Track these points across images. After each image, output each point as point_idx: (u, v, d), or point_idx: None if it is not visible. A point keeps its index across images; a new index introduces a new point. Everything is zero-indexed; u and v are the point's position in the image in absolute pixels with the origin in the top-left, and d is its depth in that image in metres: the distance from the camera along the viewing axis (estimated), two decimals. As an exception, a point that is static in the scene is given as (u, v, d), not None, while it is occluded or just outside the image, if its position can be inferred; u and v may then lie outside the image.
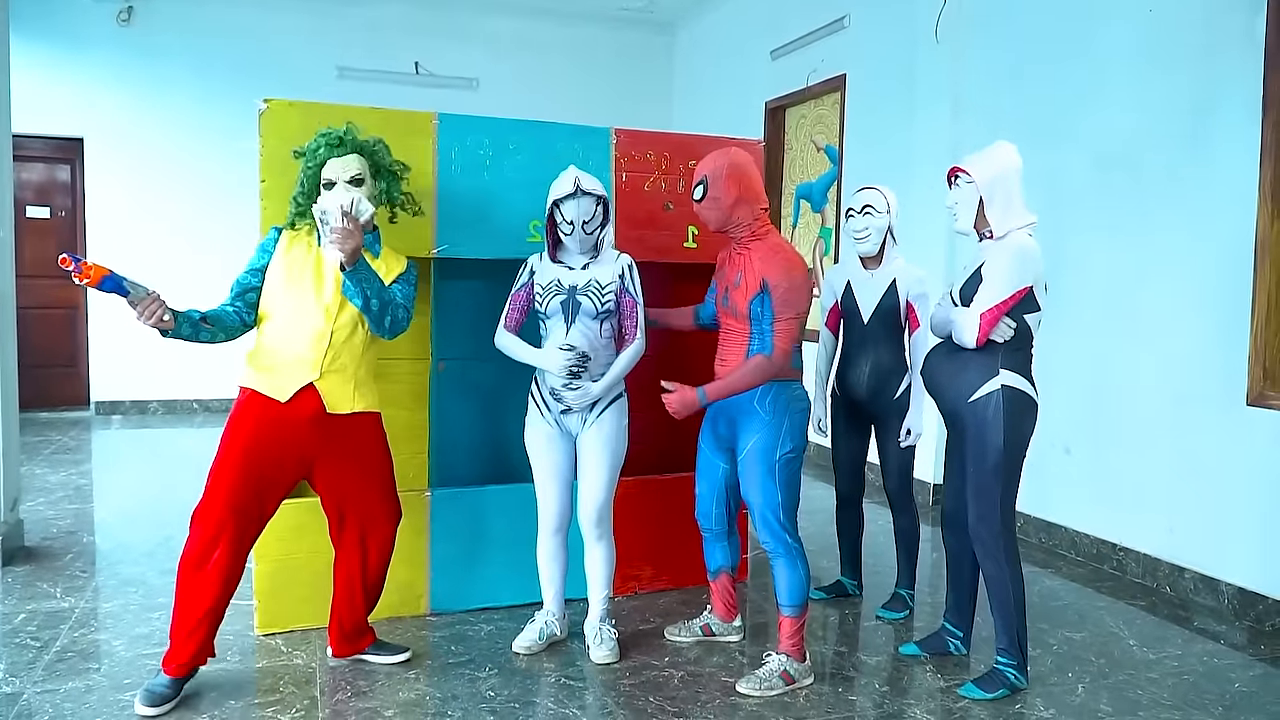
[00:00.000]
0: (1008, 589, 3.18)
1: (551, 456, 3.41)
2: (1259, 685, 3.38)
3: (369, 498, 3.22)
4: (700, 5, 9.20)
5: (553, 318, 3.33)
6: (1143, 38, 4.49)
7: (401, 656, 3.37)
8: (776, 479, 3.21)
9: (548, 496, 3.44)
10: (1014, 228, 3.14)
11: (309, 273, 3.08)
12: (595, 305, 3.32)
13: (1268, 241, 3.88)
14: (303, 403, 3.03)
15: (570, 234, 3.30)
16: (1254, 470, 3.96)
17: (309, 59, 8.76)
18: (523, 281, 3.42)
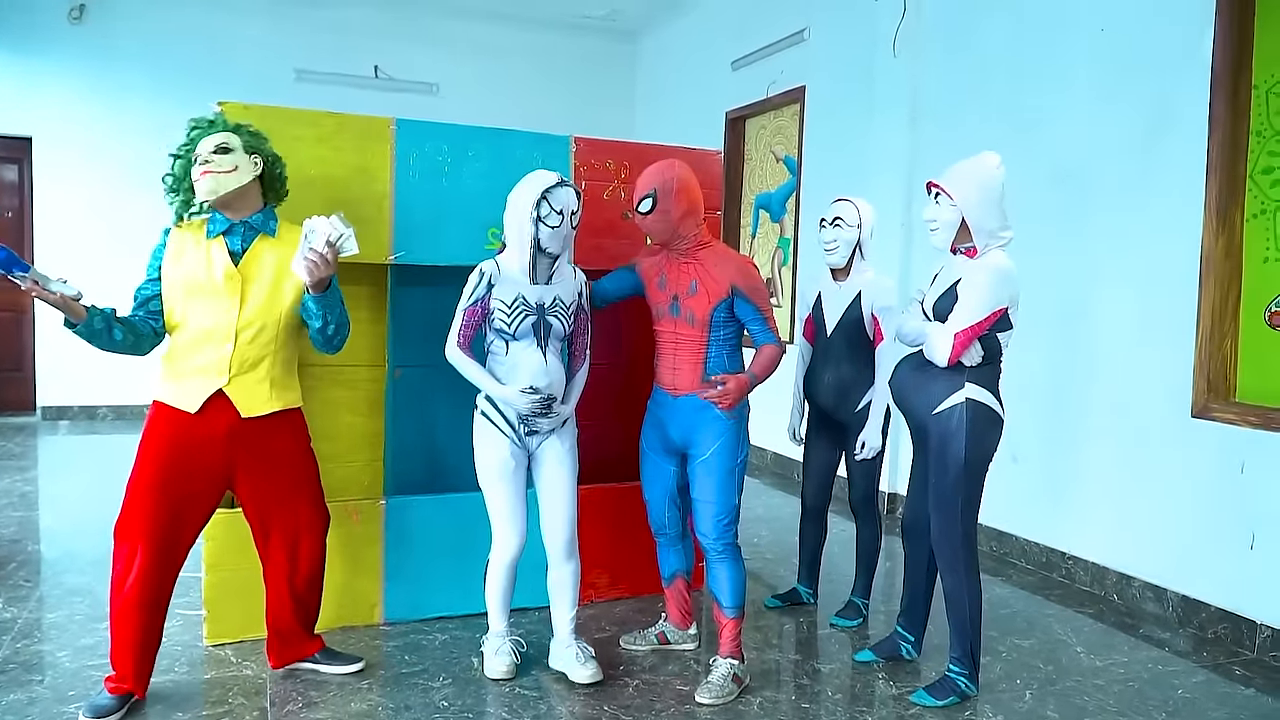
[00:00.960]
0: (965, 601, 3.21)
1: (516, 483, 3.24)
2: (1201, 691, 3.44)
3: (295, 503, 3.12)
4: (662, 15, 9.24)
5: (522, 339, 3.16)
6: (1096, 57, 4.57)
7: (354, 666, 3.33)
8: (735, 483, 3.26)
9: (512, 526, 3.24)
10: (993, 245, 3.15)
11: (202, 271, 2.93)
12: (564, 326, 3.23)
13: (1212, 257, 3.96)
14: (214, 411, 2.92)
15: (558, 226, 3.11)
16: (1198, 481, 4.04)
17: (266, 61, 8.67)
18: (478, 295, 3.17)
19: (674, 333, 3.28)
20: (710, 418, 3.24)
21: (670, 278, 3.28)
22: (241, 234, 2.98)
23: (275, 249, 3.02)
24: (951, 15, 5.52)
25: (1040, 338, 4.83)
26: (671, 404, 3.31)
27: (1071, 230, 4.68)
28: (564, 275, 3.28)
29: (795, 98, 7.11)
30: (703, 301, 3.20)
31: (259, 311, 2.96)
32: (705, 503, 3.26)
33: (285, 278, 3.00)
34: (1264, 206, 3.88)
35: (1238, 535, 3.88)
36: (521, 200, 3.13)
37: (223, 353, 2.92)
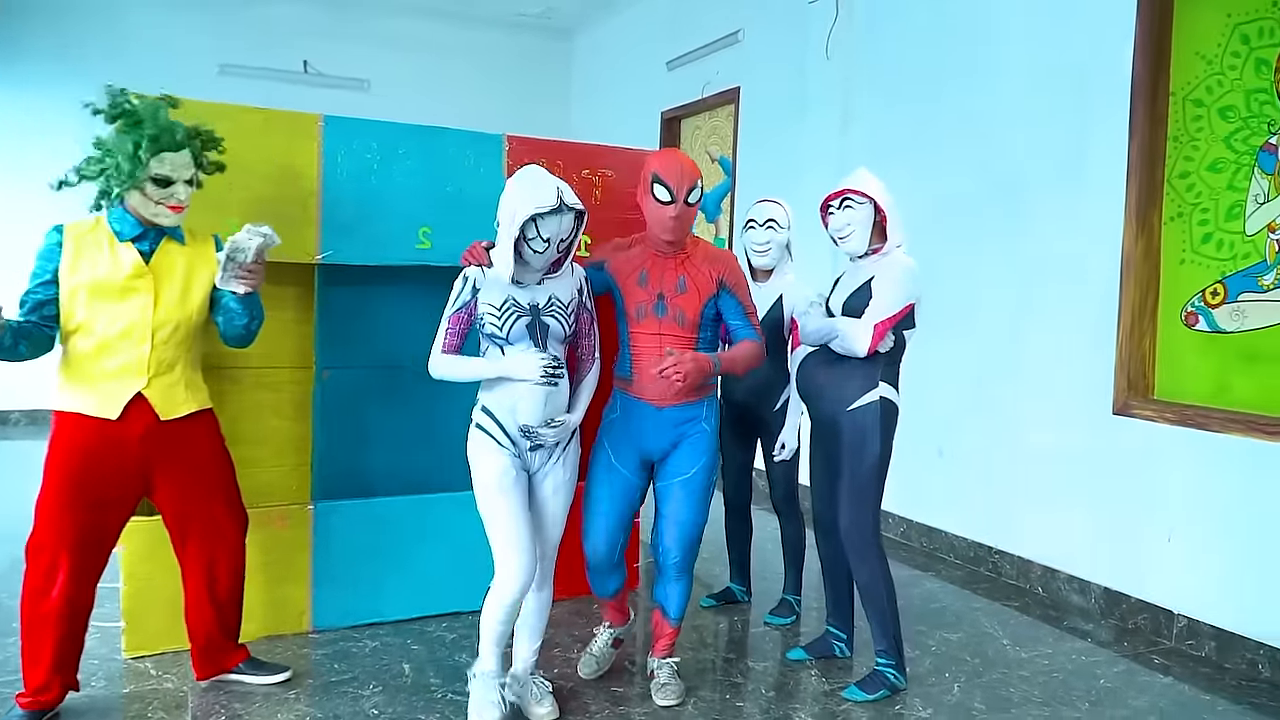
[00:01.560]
0: (882, 591, 3.28)
1: (519, 497, 2.88)
2: (1123, 681, 3.53)
3: (213, 507, 3.05)
4: (598, 13, 9.21)
5: (517, 344, 2.85)
6: (1022, 63, 4.66)
7: (280, 676, 3.26)
8: (710, 500, 3.17)
9: (518, 552, 2.83)
10: (895, 245, 3.28)
11: (112, 273, 2.82)
12: (563, 327, 2.91)
13: (1132, 258, 4.06)
14: (134, 415, 2.85)
15: (541, 252, 2.81)
16: (1119, 476, 4.14)
17: (188, 55, 8.42)
18: (463, 301, 2.88)
19: (658, 335, 3.02)
20: (696, 432, 3.07)
21: (653, 274, 3.03)
22: (151, 236, 2.91)
23: (181, 249, 2.96)
24: (882, 19, 5.58)
25: (967, 336, 4.91)
26: (655, 416, 3.05)
27: (999, 232, 4.76)
28: (562, 274, 2.96)
29: (730, 98, 7.14)
30: (693, 299, 3.01)
31: (172, 311, 2.90)
32: (679, 523, 3.08)
33: (195, 276, 2.95)
34: (1180, 210, 3.99)
35: (1156, 529, 3.98)
36: (512, 209, 2.77)
37: (140, 354, 2.84)
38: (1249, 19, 3.73)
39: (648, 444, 3.09)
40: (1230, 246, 3.81)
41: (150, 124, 2.79)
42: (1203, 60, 3.90)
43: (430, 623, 3.82)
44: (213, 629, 3.14)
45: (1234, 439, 3.69)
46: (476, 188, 3.89)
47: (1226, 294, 3.83)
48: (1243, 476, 3.67)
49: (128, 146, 2.77)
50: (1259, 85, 3.70)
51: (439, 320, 2.97)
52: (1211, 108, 3.87)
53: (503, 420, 2.89)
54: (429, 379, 4.21)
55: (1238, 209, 3.78)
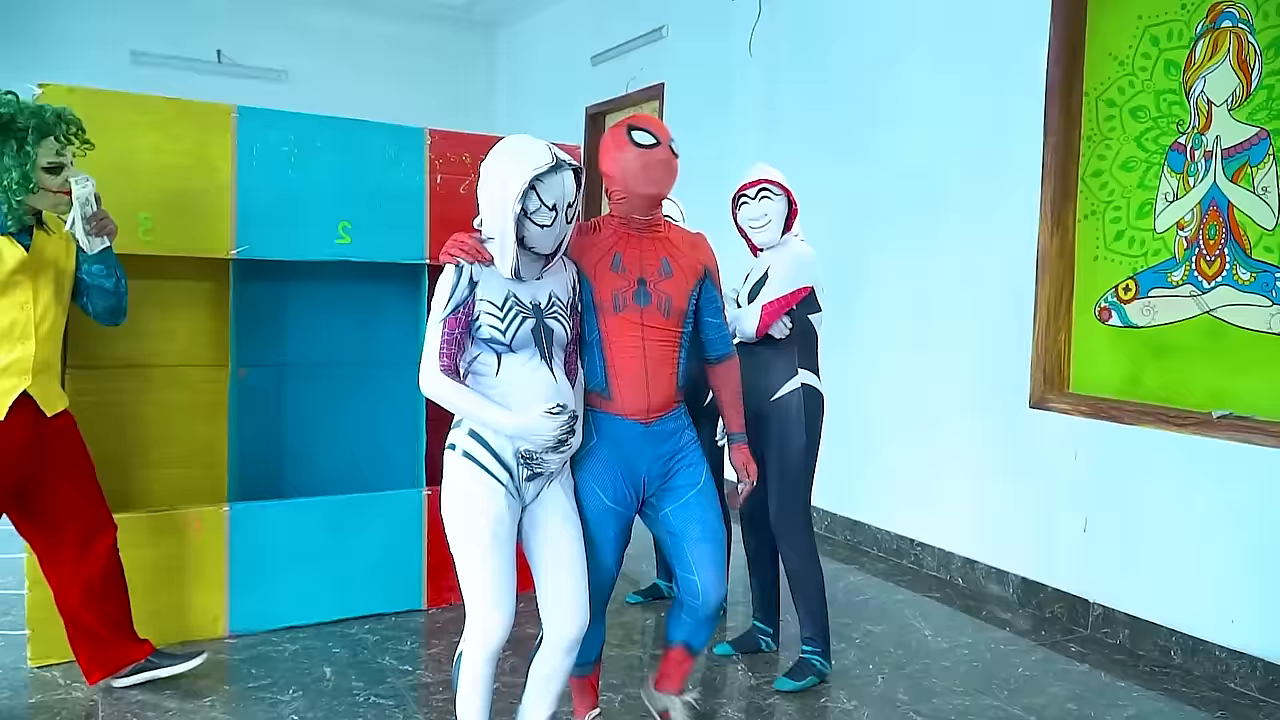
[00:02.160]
0: (811, 578, 3.33)
1: (509, 548, 2.36)
2: (1040, 669, 3.60)
3: (86, 502, 2.99)
4: (522, 8, 9.13)
5: (521, 351, 2.33)
6: (940, 62, 4.72)
7: (195, 661, 3.17)
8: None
9: (499, 605, 2.32)
10: (793, 235, 3.39)
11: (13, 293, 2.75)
12: (565, 331, 2.42)
13: (1047, 255, 4.15)
14: (20, 414, 2.78)
15: (550, 224, 2.31)
16: (1036, 468, 4.23)
17: (99, 43, 8.17)
18: (460, 298, 2.31)
19: (640, 328, 2.48)
20: (689, 440, 2.61)
21: (630, 256, 2.50)
22: (26, 229, 2.83)
23: (48, 241, 2.87)
24: (803, 18, 5.62)
25: (889, 333, 4.97)
26: (645, 434, 2.51)
27: (919, 229, 4.83)
28: (557, 266, 2.47)
29: (654, 94, 7.13)
30: (681, 284, 2.52)
31: (49, 306, 2.84)
32: (709, 543, 2.56)
33: (65, 268, 2.90)
34: (1094, 208, 4.09)
35: (1072, 519, 4.08)
36: (502, 183, 2.29)
37: (25, 352, 2.78)
38: (1158, 21, 3.83)
39: (641, 468, 2.53)
40: (1141, 243, 3.91)
41: (22, 116, 2.69)
42: (1115, 61, 4.00)
43: (352, 625, 3.75)
44: (100, 622, 3.04)
45: (1145, 430, 3.79)
46: (397, 181, 3.83)
47: (1138, 290, 3.93)
48: (1154, 467, 3.77)
49: (10, 146, 2.68)
50: (1168, 86, 3.81)
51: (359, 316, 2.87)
52: (1123, 108, 3.97)
53: (497, 446, 2.34)
54: (349, 376, 4.14)
55: (1148, 207, 3.88)
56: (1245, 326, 3.57)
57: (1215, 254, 3.66)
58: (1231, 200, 3.60)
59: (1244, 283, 3.57)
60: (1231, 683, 3.48)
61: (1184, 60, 3.75)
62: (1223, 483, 3.55)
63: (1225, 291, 3.63)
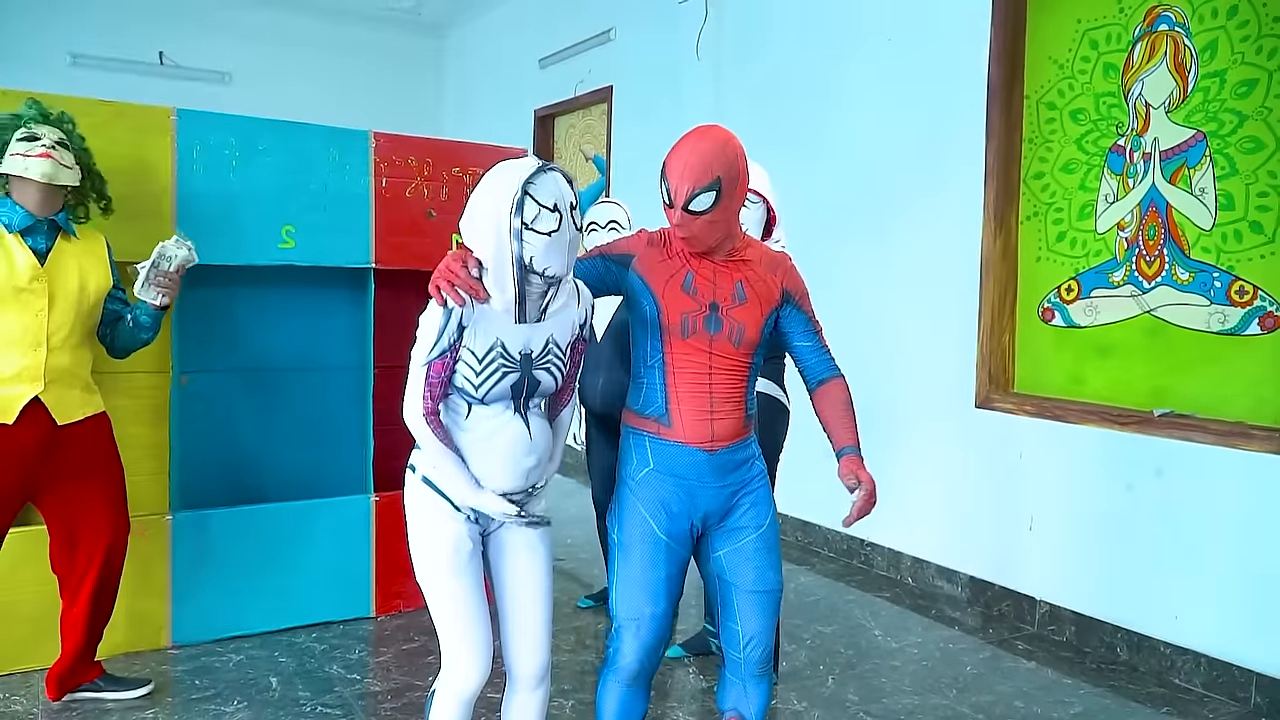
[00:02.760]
0: None
1: (473, 575, 2.17)
2: (988, 667, 3.64)
3: (105, 513, 3.00)
4: (469, 10, 9.09)
5: (493, 404, 2.12)
6: (883, 65, 4.77)
7: (141, 691, 3.12)
8: None
9: (472, 642, 2.15)
10: (775, 241, 3.28)
11: (6, 275, 2.75)
12: (555, 379, 2.18)
13: (991, 257, 4.21)
14: (29, 420, 2.77)
15: (557, 228, 2.00)
16: (983, 467, 4.28)
17: (36, 44, 8.00)
18: (447, 343, 2.03)
19: (708, 355, 2.24)
20: (756, 474, 2.35)
21: (703, 278, 2.25)
22: (45, 232, 2.83)
23: (77, 249, 2.89)
24: (749, 22, 5.65)
25: (834, 334, 4.97)
26: (708, 464, 2.26)
27: (864, 231, 4.87)
28: (562, 303, 2.16)
29: (603, 97, 7.13)
30: (754, 312, 2.25)
31: (66, 318, 2.83)
32: (763, 594, 2.29)
33: (90, 279, 2.90)
34: (1036, 209, 4.15)
35: (1018, 518, 4.13)
36: (492, 204, 2.02)
37: (35, 359, 2.77)
38: (1097, 25, 3.90)
39: (702, 502, 2.27)
40: (1083, 244, 3.98)
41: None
42: (1055, 64, 4.06)
43: (299, 634, 3.70)
44: (82, 639, 3.04)
45: (1089, 429, 3.85)
46: (342, 185, 3.79)
47: (1080, 290, 3.99)
48: (1098, 465, 3.84)
49: None
50: (1108, 89, 3.87)
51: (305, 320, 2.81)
52: (1064, 110, 4.04)
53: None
54: (295, 382, 4.08)
55: (1089, 208, 3.95)
56: (1185, 325, 3.63)
57: (1155, 254, 3.73)
58: (1170, 201, 3.67)
59: (1183, 282, 3.64)
60: (1176, 678, 3.54)
61: (1122, 63, 3.82)
62: (1165, 480, 3.62)
63: (1165, 291, 3.70)
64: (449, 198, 4.00)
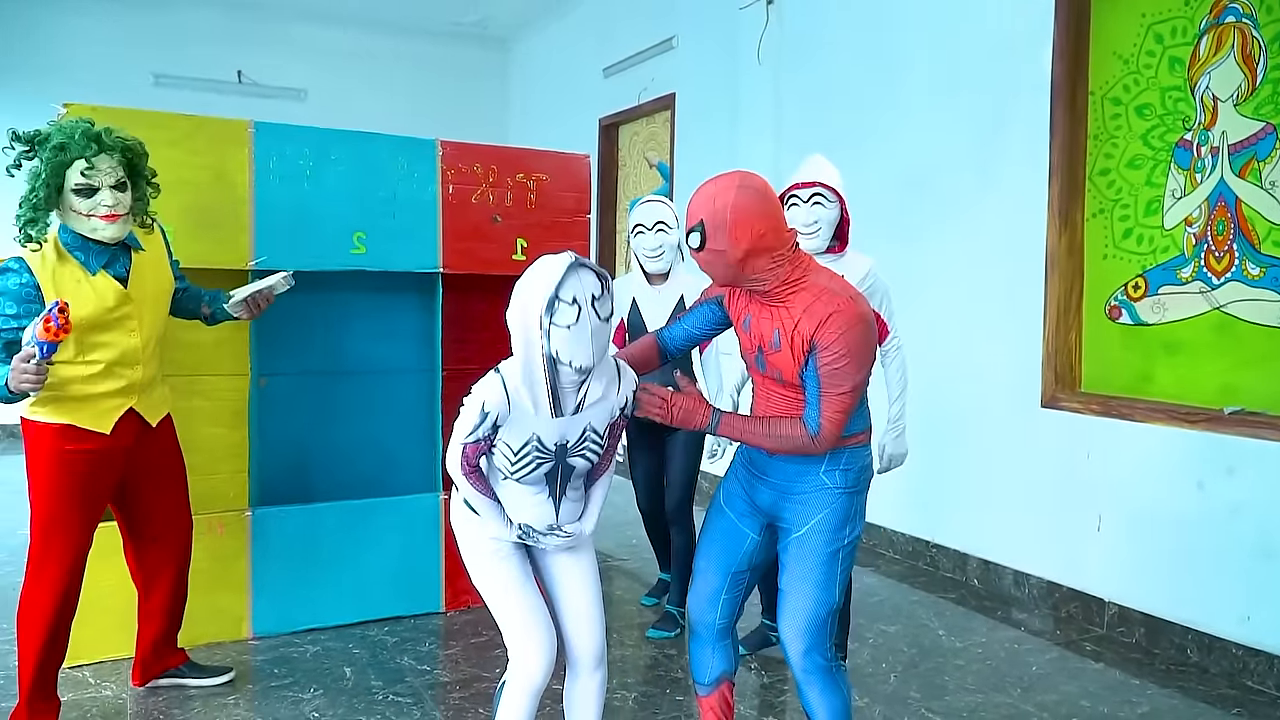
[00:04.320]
0: None
1: (522, 567, 2.35)
2: (1054, 667, 3.61)
3: (178, 505, 3.14)
4: (534, 22, 9.24)
5: (530, 486, 2.29)
6: (943, 65, 4.76)
7: (222, 678, 3.26)
8: (836, 571, 2.36)
9: (534, 631, 2.29)
10: (851, 249, 3.27)
11: (96, 308, 2.75)
12: (593, 460, 2.33)
13: (1056, 254, 4.17)
14: (123, 427, 2.87)
15: (575, 321, 2.11)
16: (1049, 467, 4.24)
17: (122, 65, 8.32)
18: (481, 435, 2.20)
19: (765, 381, 2.41)
20: (814, 485, 2.37)
21: (755, 321, 2.36)
22: (120, 256, 2.87)
23: (145, 261, 2.94)
24: (809, 25, 5.67)
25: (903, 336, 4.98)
26: (765, 461, 2.42)
27: (925, 233, 4.86)
28: (600, 393, 2.26)
29: (666, 104, 7.20)
30: (787, 360, 2.29)
31: (152, 329, 2.93)
32: (792, 594, 2.36)
33: (162, 284, 3.00)
34: (1102, 206, 4.11)
35: (1086, 518, 4.08)
36: (526, 300, 2.15)
37: (134, 375, 2.88)
38: (1162, 19, 3.86)
39: (758, 491, 2.45)
40: (1150, 241, 3.93)
41: (56, 135, 2.66)
42: (1119, 60, 4.02)
43: (371, 627, 3.81)
44: (163, 629, 3.18)
45: (1157, 428, 3.80)
46: (410, 192, 3.90)
47: (1148, 287, 3.94)
48: (1167, 464, 3.78)
49: (35, 166, 2.67)
50: (1173, 83, 3.83)
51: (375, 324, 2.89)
52: (1129, 106, 4.00)
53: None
54: (366, 384, 4.21)
55: (1156, 204, 3.90)
56: (1255, 321, 3.57)
57: (1224, 250, 3.67)
58: (1239, 195, 3.61)
59: (1253, 278, 3.58)
60: (1249, 680, 3.47)
61: (1188, 57, 3.77)
62: (1235, 479, 3.55)
63: (1235, 287, 3.64)
64: (513, 203, 4.10)
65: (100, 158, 2.70)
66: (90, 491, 2.83)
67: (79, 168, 2.67)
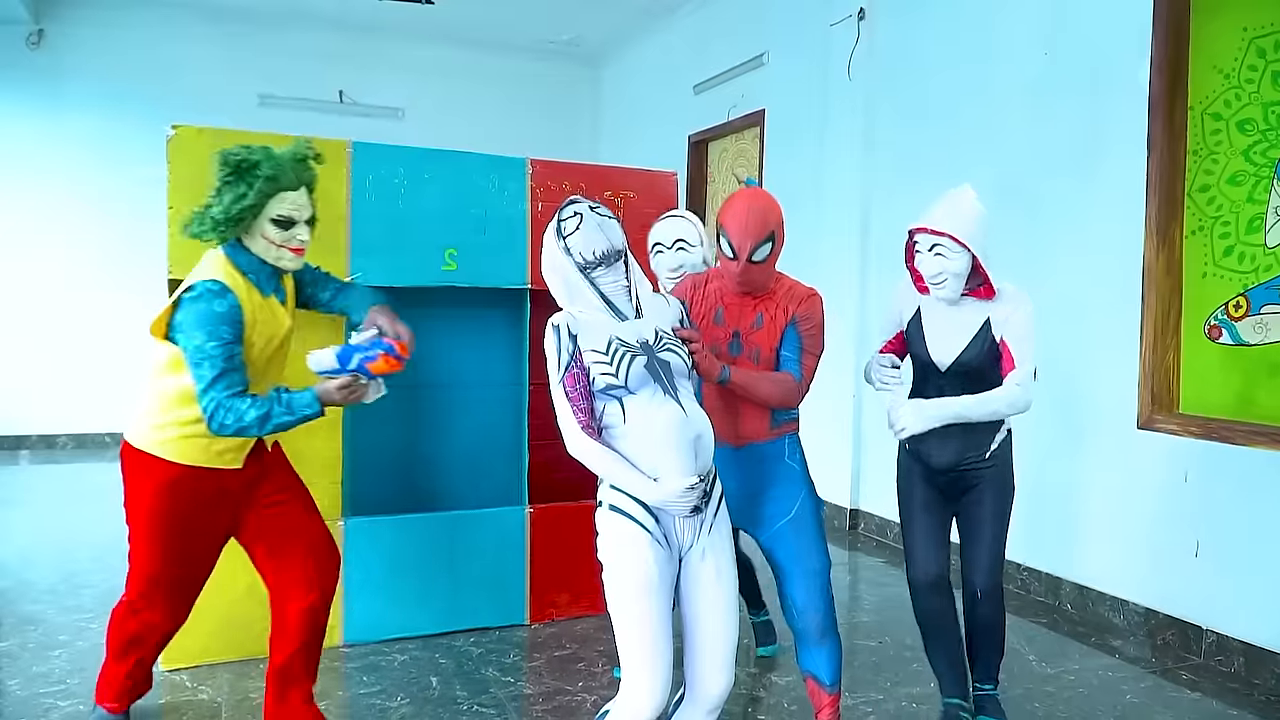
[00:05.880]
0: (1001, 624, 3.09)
1: (662, 603, 2.26)
2: (1149, 696, 3.51)
3: (311, 520, 2.90)
4: (625, 40, 9.34)
5: (640, 390, 2.29)
6: (1037, 79, 4.68)
7: None
8: (824, 538, 2.79)
9: (654, 670, 2.23)
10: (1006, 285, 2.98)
11: (277, 333, 2.72)
12: (685, 361, 2.40)
13: (1154, 271, 4.07)
14: (251, 457, 2.78)
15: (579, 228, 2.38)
16: (1145, 491, 4.12)
17: (228, 86, 8.64)
18: (568, 356, 2.31)
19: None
20: (782, 470, 2.79)
21: (730, 312, 2.77)
22: (277, 284, 2.80)
23: (289, 287, 2.89)
24: (900, 40, 5.64)
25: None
26: (733, 456, 2.76)
27: (1020, 248, 4.77)
28: (652, 302, 2.49)
29: (755, 121, 7.21)
30: (770, 335, 2.74)
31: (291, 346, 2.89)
32: (806, 571, 2.70)
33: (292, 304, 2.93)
34: (1201, 223, 3.99)
35: (1184, 543, 3.96)
36: (546, 243, 2.47)
37: None
38: (1264, 32, 3.74)
39: (730, 487, 2.70)
40: (1252, 259, 3.81)
41: (267, 164, 2.60)
42: (1220, 74, 3.91)
43: (458, 638, 3.88)
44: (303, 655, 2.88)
45: (1259, 452, 3.67)
46: (501, 210, 3.99)
47: (1249, 307, 3.82)
48: (1268, 490, 3.65)
49: (240, 189, 2.58)
50: (1276, 98, 3.71)
51: (465, 339, 2.92)
52: (1230, 121, 3.88)
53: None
54: (456, 398, 4.31)
55: (1258, 221, 3.78)
56: (1365, 343, 3.44)
57: (1331, 268, 3.54)
58: (1347, 213, 3.49)
59: (1363, 298, 3.44)
60: (1355, 714, 3.34)
61: (1294, 71, 3.66)
62: (1343, 505, 3.42)
63: (1343, 307, 3.51)
64: (601, 221, 4.15)
65: (302, 191, 2.68)
66: (203, 527, 2.72)
67: (287, 199, 2.63)
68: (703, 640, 2.35)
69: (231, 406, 2.49)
